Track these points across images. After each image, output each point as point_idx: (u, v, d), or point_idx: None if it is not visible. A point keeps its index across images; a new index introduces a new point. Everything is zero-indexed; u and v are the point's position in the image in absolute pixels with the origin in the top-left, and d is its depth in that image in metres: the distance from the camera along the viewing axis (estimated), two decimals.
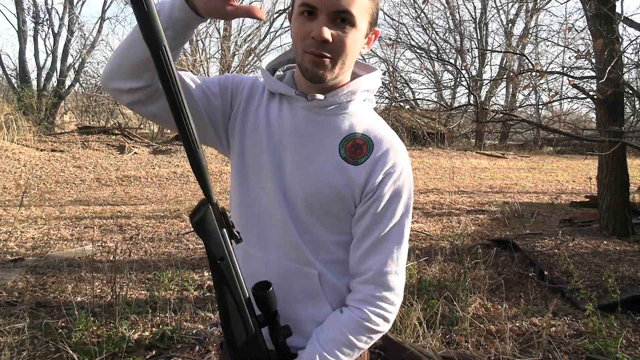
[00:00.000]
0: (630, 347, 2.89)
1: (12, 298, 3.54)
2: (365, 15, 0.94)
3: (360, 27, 0.95)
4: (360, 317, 0.97)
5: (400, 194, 0.99)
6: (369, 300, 0.97)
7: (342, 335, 0.96)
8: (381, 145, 0.99)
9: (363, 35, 0.97)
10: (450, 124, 20.15)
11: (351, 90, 1.00)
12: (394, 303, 0.99)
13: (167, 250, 4.99)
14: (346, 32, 0.93)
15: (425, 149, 16.92)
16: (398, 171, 0.99)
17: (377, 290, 0.97)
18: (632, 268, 3.96)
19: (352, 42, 0.94)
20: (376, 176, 0.97)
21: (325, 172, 0.98)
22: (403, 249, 1.00)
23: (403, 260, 1.00)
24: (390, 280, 0.98)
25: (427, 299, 3.43)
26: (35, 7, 17.06)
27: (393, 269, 0.98)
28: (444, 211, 7.40)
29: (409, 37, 20.64)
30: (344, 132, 1.00)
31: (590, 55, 5.07)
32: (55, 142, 12.91)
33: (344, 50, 0.94)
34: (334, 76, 0.97)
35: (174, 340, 2.82)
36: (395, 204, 0.98)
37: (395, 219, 0.99)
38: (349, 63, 0.97)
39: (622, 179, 5.32)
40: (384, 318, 0.98)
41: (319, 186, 0.98)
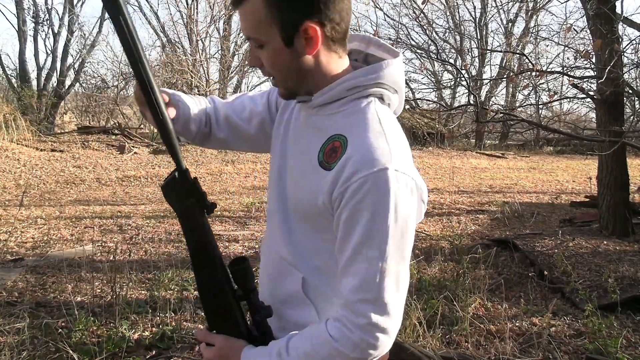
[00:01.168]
0: (630, 347, 2.89)
1: (12, 298, 3.54)
2: (265, 26, 0.87)
3: (271, 41, 0.88)
4: (329, 335, 0.86)
5: (361, 214, 0.83)
6: (341, 321, 0.86)
7: (306, 344, 0.88)
8: (352, 152, 0.85)
9: (281, 45, 0.88)
10: (450, 124, 20.15)
11: (336, 89, 0.91)
12: (367, 330, 0.84)
13: (167, 250, 4.99)
14: (262, 53, 0.91)
15: (425, 149, 16.92)
16: (357, 186, 0.83)
17: (349, 316, 0.85)
18: (632, 268, 3.96)
19: (271, 60, 0.91)
20: (339, 188, 0.85)
21: (306, 177, 0.93)
22: (383, 275, 0.83)
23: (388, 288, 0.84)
24: (361, 309, 0.84)
25: (427, 298, 3.43)
26: (35, 7, 17.07)
27: (367, 297, 0.84)
28: (444, 211, 7.40)
29: (408, 37, 20.66)
30: (328, 131, 0.92)
31: (590, 55, 5.07)
32: (55, 142, 12.91)
33: (272, 69, 0.92)
34: (289, 90, 0.95)
35: (174, 340, 2.82)
36: (356, 223, 0.84)
37: (358, 240, 0.84)
38: (292, 75, 0.92)
39: (622, 179, 5.32)
40: (355, 345, 0.84)
41: (302, 192, 0.94)
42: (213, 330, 0.99)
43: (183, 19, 17.86)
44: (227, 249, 5.07)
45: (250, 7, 0.87)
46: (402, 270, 0.87)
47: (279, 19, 0.86)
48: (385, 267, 0.84)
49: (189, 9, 17.56)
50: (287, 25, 0.86)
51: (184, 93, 1.16)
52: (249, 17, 0.88)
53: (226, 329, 0.97)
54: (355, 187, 0.83)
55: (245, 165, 12.16)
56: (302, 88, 0.94)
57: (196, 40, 17.11)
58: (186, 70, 15.40)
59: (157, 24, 18.87)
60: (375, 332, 0.84)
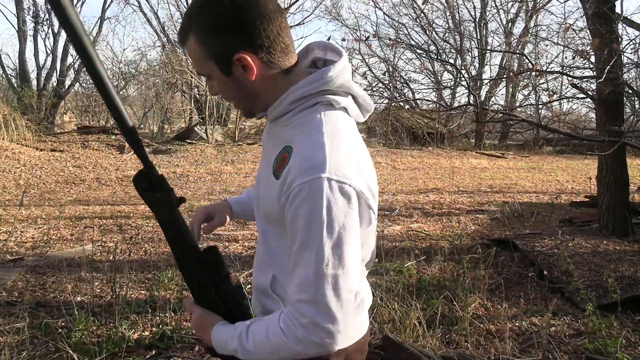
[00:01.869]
0: (630, 347, 2.89)
1: (12, 298, 3.54)
2: (204, 62, 0.95)
3: (214, 73, 0.97)
4: (280, 327, 0.91)
5: (298, 219, 0.88)
6: (289, 316, 0.91)
7: (261, 332, 0.94)
8: (293, 162, 0.90)
9: (222, 76, 0.96)
10: (450, 124, 20.15)
11: (283, 104, 0.97)
12: (315, 332, 0.88)
13: (167, 250, 4.98)
14: (213, 85, 1.00)
15: (425, 149, 16.92)
16: (296, 192, 0.87)
17: (293, 313, 0.90)
18: (632, 268, 3.96)
19: (221, 89, 1.00)
20: (284, 196, 0.90)
21: (266, 185, 1.00)
22: (320, 277, 0.86)
23: (324, 289, 0.87)
24: (302, 309, 0.88)
25: (426, 298, 3.43)
26: (35, 7, 17.09)
27: (307, 297, 0.87)
28: (443, 211, 7.40)
29: (408, 37, 20.66)
30: (282, 145, 0.97)
31: (589, 55, 5.07)
32: (55, 142, 12.91)
33: (224, 96, 1.03)
34: (248, 112, 1.05)
35: (174, 340, 2.82)
36: (296, 229, 0.89)
37: (298, 244, 0.89)
38: (241, 99, 1.01)
39: (622, 179, 5.32)
40: (297, 339, 0.89)
41: (265, 198, 1.00)
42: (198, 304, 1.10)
43: None
44: (227, 248, 5.07)
45: (190, 47, 0.95)
46: (341, 275, 0.88)
47: (213, 55, 0.94)
48: (321, 271, 0.87)
49: None
50: (220, 59, 0.94)
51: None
52: (192, 55, 0.97)
53: (205, 305, 1.08)
54: (293, 195, 0.88)
55: (245, 165, 12.16)
56: (256, 108, 1.02)
57: None
58: (186, 70, 15.40)
59: (157, 24, 18.90)
60: (318, 332, 0.88)
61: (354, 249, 0.90)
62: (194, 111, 16.63)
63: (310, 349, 0.90)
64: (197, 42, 0.93)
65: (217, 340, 1.00)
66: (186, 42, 0.96)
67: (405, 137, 17.93)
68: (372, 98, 20.86)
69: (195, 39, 0.94)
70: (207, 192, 9.16)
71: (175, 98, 18.02)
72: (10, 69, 17.91)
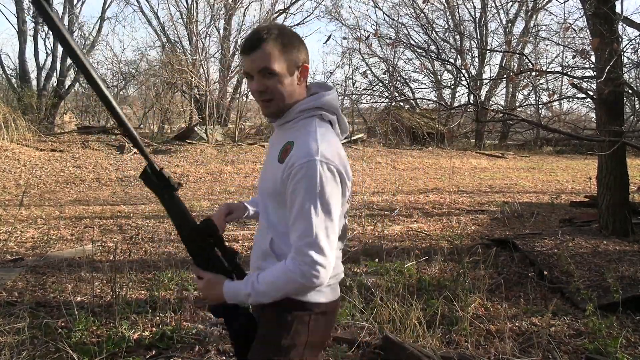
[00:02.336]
0: (630, 347, 2.89)
1: (12, 298, 3.54)
2: (282, 63, 1.33)
3: (283, 72, 1.33)
4: (286, 266, 1.29)
5: (299, 187, 1.27)
6: (294, 257, 1.28)
7: (271, 274, 1.32)
8: (294, 151, 1.31)
9: (289, 76, 1.35)
10: (450, 124, 20.14)
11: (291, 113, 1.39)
12: (312, 267, 1.26)
13: (167, 250, 4.99)
14: (272, 80, 1.33)
15: (425, 149, 16.92)
16: (297, 169, 1.27)
17: (298, 255, 1.27)
18: (632, 268, 3.96)
19: (279, 86, 1.34)
20: (287, 171, 1.30)
21: (271, 169, 1.39)
22: (317, 228, 1.26)
23: (321, 236, 1.27)
24: (305, 250, 1.26)
25: (426, 298, 3.43)
26: None
27: (308, 242, 1.26)
28: (443, 211, 7.40)
29: (408, 36, 20.65)
30: (285, 140, 1.38)
31: (588, 54, 5.06)
32: (55, 142, 12.91)
33: (277, 93, 1.35)
34: (278, 110, 1.38)
35: (174, 340, 2.82)
36: (297, 195, 1.27)
37: (299, 205, 1.27)
38: (287, 98, 1.37)
39: (622, 179, 5.31)
40: (303, 273, 1.26)
41: (268, 179, 1.39)
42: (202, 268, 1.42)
43: (183, 19, 17.87)
44: None
45: (268, 50, 1.32)
46: (329, 227, 1.29)
47: (288, 59, 1.35)
48: (317, 223, 1.27)
49: (188, 9, 17.56)
50: (292, 63, 1.35)
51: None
52: (268, 54, 1.32)
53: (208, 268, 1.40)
54: (294, 172, 1.28)
55: (245, 165, 12.16)
56: (285, 107, 1.38)
57: (196, 40, 17.11)
58: (186, 70, 15.40)
59: (157, 24, 18.89)
60: (316, 265, 1.26)
61: (336, 209, 1.31)
62: (194, 111, 16.62)
63: (310, 281, 1.27)
64: (281, 48, 1.33)
65: (229, 291, 1.35)
66: (264, 44, 1.31)
67: (405, 137, 17.92)
68: (372, 98, 20.85)
69: (278, 46, 1.32)
70: (207, 192, 9.16)
71: (175, 98, 18.01)
72: (10, 69, 17.91)
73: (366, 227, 6.01)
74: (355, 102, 20.23)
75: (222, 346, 2.79)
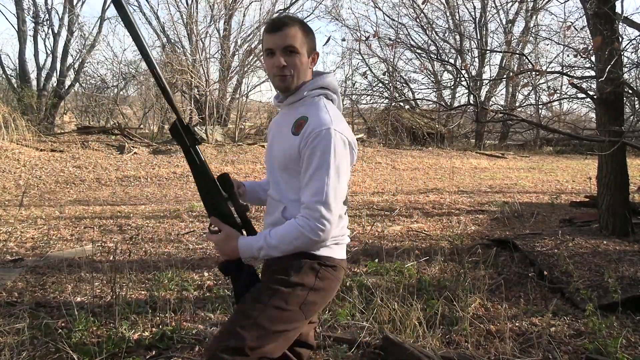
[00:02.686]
0: (630, 347, 2.88)
1: (12, 298, 3.54)
2: (303, 45, 1.55)
3: (302, 52, 1.55)
4: (296, 222, 1.47)
5: (316, 152, 1.45)
6: (304, 215, 1.46)
7: (282, 229, 1.49)
8: (311, 121, 1.50)
9: (306, 57, 1.57)
10: (450, 124, 20.14)
11: (301, 91, 1.58)
12: (320, 222, 1.44)
13: (167, 251, 4.99)
14: (294, 57, 1.54)
15: (425, 149, 16.92)
16: (314, 136, 1.46)
17: (308, 212, 1.46)
18: (632, 268, 3.95)
19: (298, 62, 1.55)
20: (304, 140, 1.48)
21: (283, 142, 1.56)
22: (329, 187, 1.44)
23: (330, 195, 1.45)
24: (315, 206, 1.44)
25: (426, 299, 3.43)
26: (35, 7, 17.07)
27: (319, 199, 1.44)
28: (443, 211, 7.40)
29: (408, 37, 20.64)
30: (296, 116, 1.56)
31: (588, 54, 5.06)
32: (55, 142, 12.91)
33: (295, 68, 1.54)
34: (294, 85, 1.57)
35: (174, 340, 2.82)
36: (313, 158, 1.46)
37: (314, 167, 1.45)
38: (302, 75, 1.57)
39: (622, 179, 5.31)
40: (311, 228, 1.45)
41: (280, 151, 1.57)
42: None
43: (183, 19, 17.86)
44: None
45: (294, 32, 1.53)
46: (338, 187, 1.47)
47: (308, 42, 1.58)
48: (329, 183, 1.45)
49: (188, 9, 17.55)
50: (309, 47, 1.59)
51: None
52: (292, 35, 1.53)
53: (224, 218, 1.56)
54: (312, 139, 1.47)
55: (245, 165, 12.16)
56: (297, 82, 1.58)
57: (196, 40, 17.10)
58: (186, 70, 15.40)
59: (157, 24, 18.89)
60: (323, 221, 1.45)
61: (345, 173, 1.50)
62: (194, 111, 16.61)
63: (316, 234, 1.45)
64: (303, 32, 1.55)
65: (243, 245, 1.51)
66: (291, 27, 1.52)
67: (405, 137, 17.92)
68: (372, 98, 20.84)
69: (301, 30, 1.55)
70: None
71: (175, 98, 18.01)
72: (10, 69, 17.90)
73: (366, 227, 6.01)
74: (355, 102, 20.22)
75: None
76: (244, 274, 1.56)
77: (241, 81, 18.58)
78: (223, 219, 1.55)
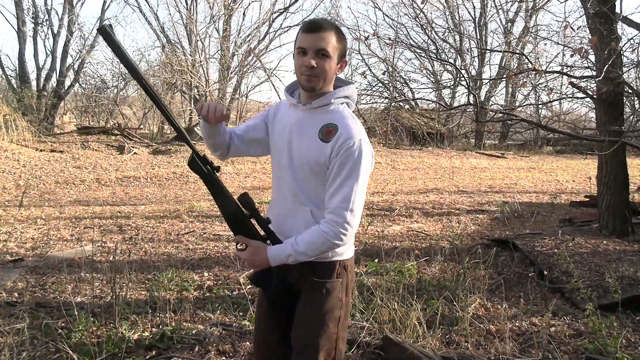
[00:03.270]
0: (629, 347, 2.88)
1: (12, 298, 3.54)
2: (335, 51, 1.58)
3: (333, 58, 1.58)
4: (321, 229, 1.55)
5: (348, 162, 1.53)
6: (329, 221, 1.54)
7: (308, 236, 1.56)
8: (342, 131, 1.56)
9: (336, 63, 1.60)
10: (450, 124, 20.14)
11: (328, 98, 1.62)
12: (344, 228, 1.54)
13: (166, 251, 4.98)
14: (324, 61, 1.56)
15: (425, 149, 16.92)
16: (347, 147, 1.53)
17: (334, 217, 1.54)
18: (632, 268, 3.95)
19: (328, 67, 1.57)
20: (336, 149, 1.54)
21: (310, 148, 1.59)
22: (356, 195, 1.53)
23: (356, 202, 1.54)
24: (342, 212, 1.53)
25: (426, 299, 3.43)
26: (35, 7, 17.06)
27: (346, 206, 1.53)
28: (443, 211, 7.40)
29: (408, 37, 20.64)
30: (323, 123, 1.60)
31: (587, 53, 5.06)
32: (55, 142, 12.91)
33: (324, 72, 1.57)
34: (320, 87, 1.59)
35: (174, 341, 2.82)
36: (345, 167, 1.53)
37: (345, 175, 1.53)
38: (328, 79, 1.60)
39: (622, 179, 5.31)
40: (336, 234, 1.53)
41: (307, 156, 1.60)
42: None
43: (183, 20, 17.87)
44: (227, 249, 5.07)
45: (329, 36, 1.56)
46: (361, 196, 1.56)
47: (340, 49, 1.61)
48: (357, 191, 1.54)
49: (188, 10, 17.56)
50: (341, 53, 1.62)
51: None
52: (328, 39, 1.56)
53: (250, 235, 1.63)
54: (345, 149, 1.53)
55: (245, 165, 12.16)
56: (323, 86, 1.60)
57: (196, 40, 17.11)
58: (186, 70, 15.40)
59: (157, 25, 18.88)
60: (346, 226, 1.54)
61: (367, 182, 1.59)
62: (194, 111, 16.61)
63: (340, 239, 1.54)
64: (337, 38, 1.58)
65: (273, 253, 1.58)
66: (327, 31, 1.56)
67: (405, 137, 17.92)
68: (372, 98, 20.85)
69: (336, 36, 1.58)
70: (207, 193, 9.14)
71: (175, 98, 18.01)
72: (10, 70, 17.90)
73: (366, 227, 6.01)
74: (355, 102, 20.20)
75: (222, 346, 2.78)
76: (275, 281, 1.66)
77: (241, 81, 18.59)
78: (249, 235, 1.63)
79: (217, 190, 1.62)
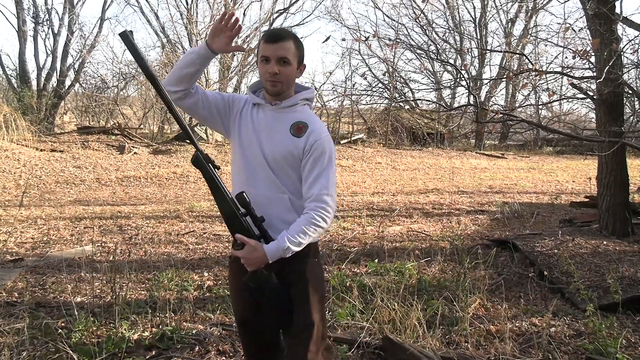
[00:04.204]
0: (630, 347, 2.88)
1: (12, 298, 3.54)
2: (295, 58, 1.75)
3: (293, 64, 1.75)
4: (309, 217, 1.72)
5: (323, 155, 1.75)
6: (314, 208, 1.73)
7: (299, 226, 1.71)
8: (312, 128, 1.77)
9: (296, 68, 1.77)
10: (450, 124, 20.13)
11: (294, 99, 1.82)
12: (327, 210, 1.74)
13: (166, 251, 4.98)
14: (286, 67, 1.74)
15: (425, 149, 16.91)
16: (320, 140, 1.75)
17: (317, 204, 1.73)
18: (632, 268, 3.95)
19: (289, 73, 1.75)
20: (309, 144, 1.74)
21: (284, 141, 1.77)
22: (331, 182, 1.75)
23: (332, 187, 1.76)
24: (324, 197, 1.73)
25: (427, 299, 3.43)
26: (35, 7, 17.07)
27: (325, 192, 1.73)
28: (443, 211, 7.40)
29: (408, 37, 20.65)
30: (292, 120, 1.80)
31: (588, 54, 5.06)
32: (55, 142, 12.91)
33: (286, 77, 1.75)
34: (282, 91, 1.78)
35: (174, 341, 2.82)
36: (320, 159, 1.74)
37: (323, 166, 1.74)
38: (290, 83, 1.80)
39: (622, 179, 5.31)
40: (322, 217, 1.72)
41: (281, 149, 1.77)
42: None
43: (183, 20, 17.87)
44: (227, 249, 5.07)
45: (288, 45, 1.74)
46: (335, 180, 1.79)
47: (299, 55, 1.78)
48: (331, 179, 1.76)
49: (188, 9, 17.56)
50: (299, 59, 1.79)
51: None
52: (287, 48, 1.73)
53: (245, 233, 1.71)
54: (318, 144, 1.75)
55: None
56: (285, 89, 1.79)
57: (196, 40, 17.11)
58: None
59: (157, 24, 18.89)
60: (328, 208, 1.74)
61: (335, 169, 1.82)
62: None
63: (326, 222, 1.74)
64: (296, 46, 1.76)
65: (270, 250, 1.68)
66: (286, 40, 1.72)
67: (405, 138, 17.92)
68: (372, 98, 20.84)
69: (294, 44, 1.75)
70: (207, 193, 9.16)
71: None
72: (10, 69, 17.90)
73: (366, 228, 6.01)
74: (355, 102, 20.22)
75: (222, 346, 2.78)
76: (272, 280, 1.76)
77: (241, 81, 18.58)
78: (244, 233, 1.72)
79: (218, 190, 1.73)
